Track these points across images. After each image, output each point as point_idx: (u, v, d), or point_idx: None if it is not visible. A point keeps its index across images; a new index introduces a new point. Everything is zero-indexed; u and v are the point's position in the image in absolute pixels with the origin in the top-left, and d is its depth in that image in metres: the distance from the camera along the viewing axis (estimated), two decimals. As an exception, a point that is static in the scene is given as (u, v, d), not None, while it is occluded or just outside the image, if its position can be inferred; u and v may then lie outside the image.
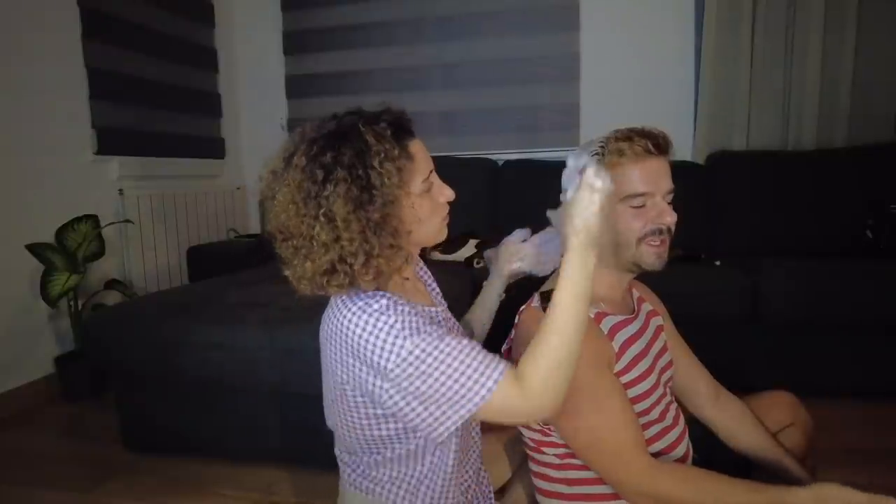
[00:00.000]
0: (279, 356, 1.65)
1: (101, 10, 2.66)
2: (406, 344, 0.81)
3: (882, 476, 1.59)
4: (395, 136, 0.87)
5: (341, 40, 3.47)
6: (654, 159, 0.98)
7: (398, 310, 0.84)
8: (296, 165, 0.86)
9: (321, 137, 0.87)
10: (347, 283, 0.86)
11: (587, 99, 3.19)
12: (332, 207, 0.83)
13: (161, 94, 3.07)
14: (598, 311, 1.02)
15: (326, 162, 0.84)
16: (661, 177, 0.99)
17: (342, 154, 0.84)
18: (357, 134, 0.85)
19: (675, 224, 1.02)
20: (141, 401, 1.91)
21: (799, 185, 2.62)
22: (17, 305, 2.33)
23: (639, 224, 0.99)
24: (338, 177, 0.83)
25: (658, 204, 0.99)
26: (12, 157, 2.29)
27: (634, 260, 1.01)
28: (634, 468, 0.93)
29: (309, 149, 0.86)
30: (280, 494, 1.67)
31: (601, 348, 0.97)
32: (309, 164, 0.85)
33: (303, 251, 0.86)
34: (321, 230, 0.83)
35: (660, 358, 1.10)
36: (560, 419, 0.98)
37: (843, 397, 2.05)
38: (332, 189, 0.83)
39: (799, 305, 2.08)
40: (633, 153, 0.98)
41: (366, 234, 0.84)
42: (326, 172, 0.83)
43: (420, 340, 0.82)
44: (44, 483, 1.77)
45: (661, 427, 1.04)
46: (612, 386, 0.96)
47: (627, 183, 0.98)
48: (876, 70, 2.79)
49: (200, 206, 3.25)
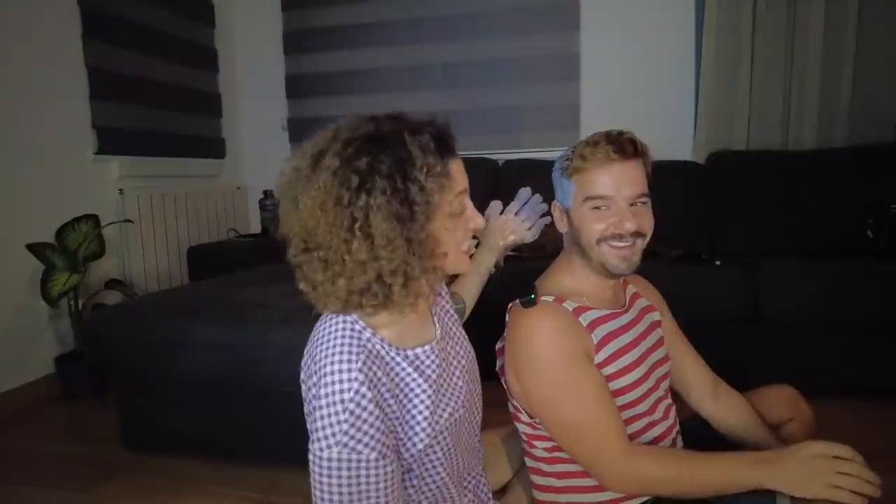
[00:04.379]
0: (279, 356, 1.65)
1: (101, 10, 2.66)
2: (332, 450, 0.74)
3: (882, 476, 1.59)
4: (437, 150, 0.79)
5: (341, 40, 3.47)
6: (619, 164, 0.99)
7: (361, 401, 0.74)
8: (326, 167, 0.76)
9: (357, 139, 0.77)
10: (381, 303, 0.78)
11: (587, 99, 3.19)
12: (369, 222, 0.74)
13: (161, 94, 3.07)
14: (579, 305, 1.04)
15: (362, 168, 0.74)
16: (626, 182, 1.00)
17: (380, 161, 0.75)
18: (399, 141, 0.76)
19: (651, 226, 1.03)
20: (141, 400, 1.90)
21: (799, 185, 2.62)
22: (17, 305, 2.33)
23: (599, 227, 1.01)
24: (375, 186, 0.74)
25: (620, 209, 1.00)
26: (13, 157, 2.30)
27: (600, 261, 1.03)
28: (612, 454, 0.95)
29: (343, 150, 0.76)
30: (280, 494, 1.67)
31: (579, 341, 1.00)
32: (342, 167, 0.75)
33: (335, 267, 0.76)
34: (359, 246, 0.74)
35: (652, 352, 1.10)
36: (542, 413, 1.01)
37: (844, 397, 2.05)
38: (368, 200, 0.74)
39: (799, 305, 2.08)
40: (596, 159, 0.99)
41: (406, 255, 0.75)
42: (362, 179, 0.74)
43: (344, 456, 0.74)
44: (44, 483, 1.77)
45: (649, 420, 1.05)
46: (589, 377, 0.98)
47: (589, 185, 1.01)
48: (876, 70, 2.79)
49: (200, 206, 3.25)
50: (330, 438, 0.74)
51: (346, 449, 0.74)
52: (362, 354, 0.78)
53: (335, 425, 0.74)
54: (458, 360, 0.96)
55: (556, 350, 0.98)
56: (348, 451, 0.74)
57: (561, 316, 1.01)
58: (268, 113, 3.64)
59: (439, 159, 0.78)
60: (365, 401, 0.75)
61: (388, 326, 0.84)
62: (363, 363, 0.77)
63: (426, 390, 0.85)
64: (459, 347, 0.98)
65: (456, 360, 0.95)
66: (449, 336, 0.97)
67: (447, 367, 0.92)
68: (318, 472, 0.76)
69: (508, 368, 1.06)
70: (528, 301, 1.03)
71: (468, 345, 1.02)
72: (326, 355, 0.78)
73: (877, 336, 2.10)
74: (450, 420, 0.88)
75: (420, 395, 0.84)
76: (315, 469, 0.76)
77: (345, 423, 0.74)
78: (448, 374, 0.91)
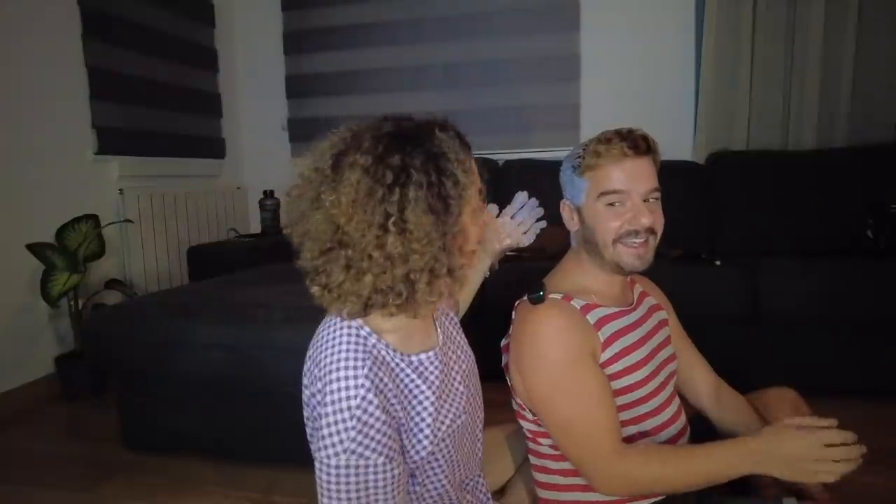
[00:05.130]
0: (279, 356, 1.65)
1: (101, 10, 2.66)
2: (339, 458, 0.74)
3: (882, 476, 1.59)
4: (461, 144, 0.79)
5: (341, 40, 3.47)
6: (632, 160, 1.00)
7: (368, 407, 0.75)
8: (356, 164, 0.73)
9: (385, 136, 0.76)
10: (403, 304, 0.76)
11: (587, 99, 3.19)
12: (405, 216, 0.72)
13: (161, 94, 3.07)
14: (588, 302, 1.04)
15: (395, 163, 0.73)
16: (640, 177, 1.00)
17: (413, 157, 0.74)
18: (429, 137, 0.76)
19: (662, 224, 1.03)
20: (141, 400, 1.90)
21: (799, 185, 2.62)
22: (17, 305, 2.33)
23: (615, 224, 1.00)
24: (410, 180, 0.73)
25: (636, 205, 1.00)
26: (13, 157, 2.30)
27: (614, 260, 1.02)
28: (599, 455, 0.95)
29: (373, 147, 0.74)
30: (280, 494, 1.67)
31: (584, 339, 0.99)
32: (374, 163, 0.73)
33: (363, 264, 0.74)
34: (394, 241, 0.72)
35: (660, 350, 1.10)
36: (541, 410, 1.01)
37: (844, 397, 2.04)
38: (404, 193, 0.72)
39: (799, 305, 2.08)
40: (611, 155, 0.99)
41: (438, 251, 0.74)
42: (396, 175, 0.72)
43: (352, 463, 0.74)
44: (44, 483, 1.77)
45: (661, 420, 1.05)
46: (590, 377, 0.98)
47: (605, 180, 1.00)
48: (876, 70, 2.79)
49: (200, 206, 3.25)
50: (338, 446, 0.74)
51: (353, 455, 0.74)
52: (368, 360, 0.77)
53: (342, 433, 0.74)
54: (458, 364, 0.95)
55: (561, 349, 0.98)
56: (356, 458, 0.74)
57: (568, 314, 1.01)
58: (268, 113, 3.64)
59: (467, 154, 0.79)
60: (372, 407, 0.75)
61: (393, 332, 0.83)
62: (369, 369, 0.77)
63: (429, 397, 0.84)
64: (460, 352, 0.98)
65: (457, 365, 0.95)
66: (450, 341, 0.96)
67: (448, 372, 0.91)
68: (325, 479, 0.76)
69: (513, 365, 1.06)
70: (536, 298, 1.02)
71: (468, 349, 1.01)
72: (332, 361, 0.78)
73: (877, 336, 2.10)
74: (451, 427, 0.87)
75: (423, 402, 0.84)
76: (323, 476, 0.76)
77: (352, 430, 0.73)
78: (449, 380, 0.91)
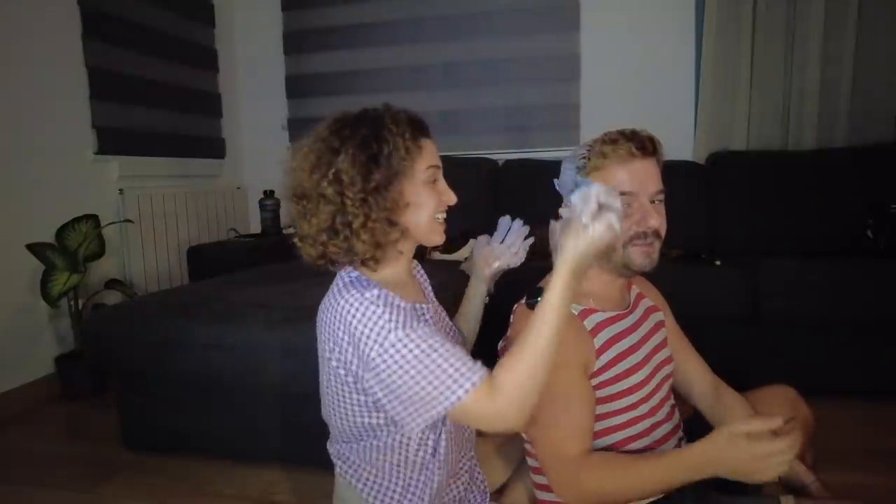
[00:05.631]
0: (279, 356, 1.65)
1: (101, 10, 2.66)
2: (390, 336, 0.85)
3: (882, 476, 1.59)
4: (410, 125, 0.96)
5: (341, 40, 3.47)
6: (639, 161, 1.00)
7: (388, 301, 0.88)
8: (317, 137, 0.97)
9: (344, 117, 0.98)
10: (346, 247, 0.92)
11: (587, 99, 3.19)
12: (340, 167, 0.92)
13: (161, 94, 3.07)
14: (586, 307, 1.03)
15: (345, 134, 0.94)
16: (647, 178, 1.00)
17: (360, 130, 0.94)
18: (377, 116, 0.96)
19: (665, 226, 1.03)
20: (141, 400, 1.90)
21: (799, 185, 2.62)
22: (17, 305, 2.33)
23: (624, 226, 0.99)
24: (352, 144, 0.93)
25: (644, 206, 1.00)
26: (13, 157, 2.29)
27: (623, 262, 1.02)
28: (565, 458, 0.94)
29: (333, 125, 0.97)
30: (280, 494, 1.67)
31: (578, 347, 0.99)
32: (330, 136, 0.95)
33: (310, 207, 0.94)
34: (328, 186, 0.92)
35: (657, 353, 1.10)
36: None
37: (843, 397, 2.05)
38: (344, 151, 0.92)
39: (799, 305, 2.08)
40: (617, 156, 0.99)
41: (366, 196, 0.91)
42: (342, 141, 0.93)
43: (404, 335, 0.85)
44: (44, 483, 1.77)
45: (653, 421, 1.05)
46: (572, 382, 0.97)
47: (612, 181, 0.99)
48: (876, 70, 2.79)
49: (200, 206, 3.25)
50: (381, 332, 0.85)
51: (396, 326, 0.85)
52: (375, 288, 0.91)
53: (380, 320, 0.86)
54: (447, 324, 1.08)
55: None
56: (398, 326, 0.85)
57: None
58: (268, 113, 3.64)
59: (409, 131, 0.95)
60: (391, 297, 0.89)
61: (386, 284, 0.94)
62: (378, 289, 0.91)
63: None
64: (448, 318, 1.12)
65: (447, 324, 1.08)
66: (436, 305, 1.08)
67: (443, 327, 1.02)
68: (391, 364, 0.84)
69: None
70: (533, 303, 1.02)
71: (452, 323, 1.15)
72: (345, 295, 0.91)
73: (877, 336, 2.10)
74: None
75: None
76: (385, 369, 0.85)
77: (385, 314, 0.86)
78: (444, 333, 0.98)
